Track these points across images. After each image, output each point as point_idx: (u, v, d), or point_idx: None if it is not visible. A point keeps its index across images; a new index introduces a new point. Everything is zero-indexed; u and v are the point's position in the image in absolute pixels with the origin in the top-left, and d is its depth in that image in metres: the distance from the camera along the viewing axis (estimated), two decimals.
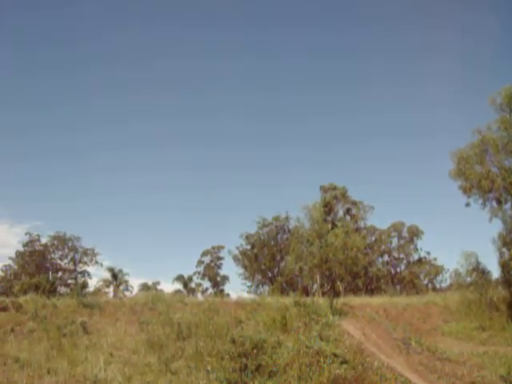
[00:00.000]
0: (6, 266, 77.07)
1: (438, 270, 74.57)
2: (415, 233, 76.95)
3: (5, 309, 30.59)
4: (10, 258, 77.16)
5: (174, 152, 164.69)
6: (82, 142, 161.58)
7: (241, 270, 73.53)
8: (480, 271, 38.46)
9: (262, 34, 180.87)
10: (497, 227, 39.21)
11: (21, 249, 76.53)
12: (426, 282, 75.45)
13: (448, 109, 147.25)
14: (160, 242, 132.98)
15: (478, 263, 38.60)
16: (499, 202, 39.38)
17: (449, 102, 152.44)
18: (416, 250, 77.59)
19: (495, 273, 39.51)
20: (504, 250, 37.62)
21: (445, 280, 73.28)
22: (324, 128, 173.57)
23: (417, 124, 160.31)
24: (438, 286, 72.90)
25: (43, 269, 73.89)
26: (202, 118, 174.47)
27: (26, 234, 78.30)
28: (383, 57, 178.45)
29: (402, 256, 78.12)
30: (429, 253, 77.10)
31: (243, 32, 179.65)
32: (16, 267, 76.08)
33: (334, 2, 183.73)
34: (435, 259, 76.31)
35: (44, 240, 77.24)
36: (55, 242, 77.21)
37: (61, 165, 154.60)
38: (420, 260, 77.14)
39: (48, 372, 22.41)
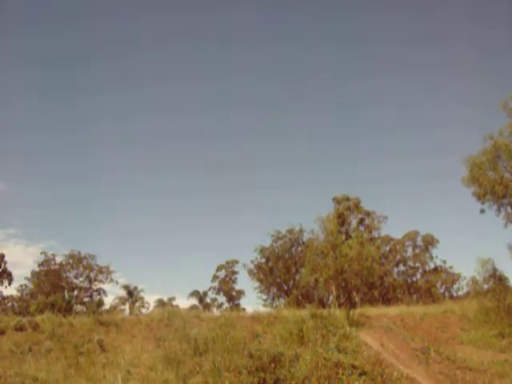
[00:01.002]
0: (22, 285, 77.48)
1: (455, 278, 74.07)
2: (430, 241, 76.58)
3: (22, 328, 30.69)
4: (26, 278, 77.57)
5: (182, 153, 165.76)
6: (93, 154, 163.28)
7: (256, 284, 73.36)
8: (497, 278, 38.07)
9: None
10: None
11: (36, 268, 76.87)
12: (442, 290, 74.89)
13: (462, 106, 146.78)
14: (174, 258, 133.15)
15: (494, 270, 38.23)
16: None
17: (464, 100, 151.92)
18: (431, 258, 77.21)
19: None
20: None
21: (462, 288, 72.77)
22: (333, 131, 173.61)
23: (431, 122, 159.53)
24: (454, 295, 72.32)
25: (59, 288, 74.00)
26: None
27: (41, 253, 78.83)
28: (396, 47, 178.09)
29: (417, 265, 77.68)
30: (445, 261, 76.65)
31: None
32: (32, 287, 76.35)
33: None
34: (451, 267, 75.84)
35: (59, 259, 77.59)
36: (70, 261, 77.40)
37: (71, 182, 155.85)
38: (436, 269, 76.65)
39: None
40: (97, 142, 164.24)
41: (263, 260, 72.31)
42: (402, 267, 77.89)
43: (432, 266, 77.08)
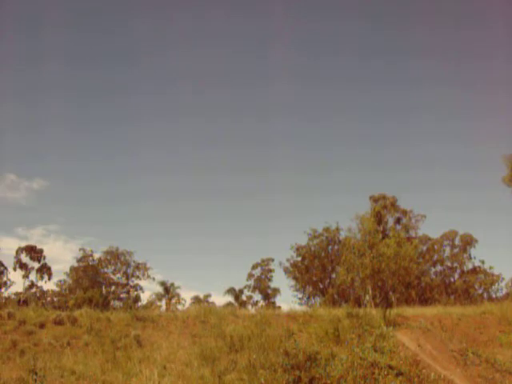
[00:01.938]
0: (61, 280, 78.97)
1: (494, 279, 72.87)
2: (468, 241, 75.52)
3: (61, 322, 31.19)
4: (65, 273, 79.04)
5: (217, 158, 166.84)
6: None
7: (292, 282, 73.28)
8: None
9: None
10: None
11: (75, 264, 78.13)
12: (481, 291, 73.79)
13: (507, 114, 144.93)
14: (211, 256, 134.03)
15: None
16: None
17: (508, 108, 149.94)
18: (470, 258, 76.12)
19: None
20: None
21: (501, 289, 71.62)
22: (375, 132, 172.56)
23: (473, 129, 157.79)
24: (493, 296, 71.18)
25: (96, 283, 75.13)
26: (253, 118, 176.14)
27: (79, 249, 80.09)
28: (446, 58, 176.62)
29: (455, 265, 76.69)
30: (483, 262, 75.46)
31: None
32: (70, 282, 77.63)
33: None
34: (491, 268, 74.57)
35: (97, 255, 78.75)
36: (108, 257, 78.52)
37: (113, 180, 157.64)
38: (474, 269, 75.56)
39: None
40: (139, 142, 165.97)
41: (299, 258, 72.19)
42: (439, 267, 77.05)
43: (470, 266, 76.06)
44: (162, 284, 74.37)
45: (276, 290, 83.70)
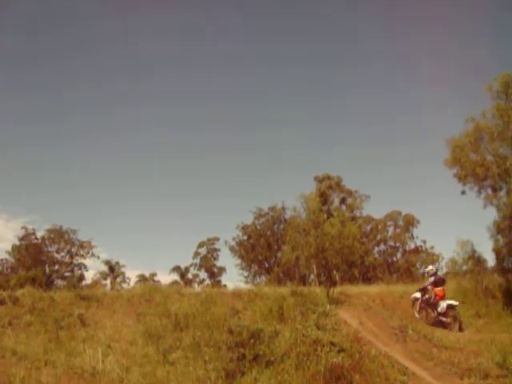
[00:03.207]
0: (2, 260, 77.24)
1: (434, 259, 74.80)
2: (411, 221, 77.26)
3: (2, 302, 30.50)
4: (7, 252, 77.34)
5: (164, 138, 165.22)
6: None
7: (237, 261, 73.67)
8: (476, 259, 38.43)
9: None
10: (492, 214, 39.17)
11: (17, 243, 76.59)
12: (422, 270, 75.68)
13: (443, 89, 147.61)
14: (157, 235, 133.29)
15: (473, 251, 38.53)
16: (494, 190, 39.29)
17: (443, 82, 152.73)
18: (412, 238, 77.95)
19: (491, 260, 39.51)
20: (498, 237, 37.55)
21: (441, 269, 73.52)
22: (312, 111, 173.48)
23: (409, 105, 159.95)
24: None
25: (40, 262, 73.86)
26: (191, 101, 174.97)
27: (22, 228, 78.40)
28: (378, 35, 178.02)
29: (398, 245, 78.41)
30: (425, 241, 77.46)
31: None
32: (12, 261, 76.12)
33: None
34: (432, 248, 76.61)
35: (40, 234, 77.39)
36: (51, 236, 77.23)
37: (56, 160, 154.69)
38: (416, 248, 77.44)
39: (46, 364, 22.35)
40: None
41: (245, 237, 72.56)
42: (382, 247, 78.68)
43: (412, 245, 77.91)
44: (107, 263, 73.96)
45: (222, 269, 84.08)
